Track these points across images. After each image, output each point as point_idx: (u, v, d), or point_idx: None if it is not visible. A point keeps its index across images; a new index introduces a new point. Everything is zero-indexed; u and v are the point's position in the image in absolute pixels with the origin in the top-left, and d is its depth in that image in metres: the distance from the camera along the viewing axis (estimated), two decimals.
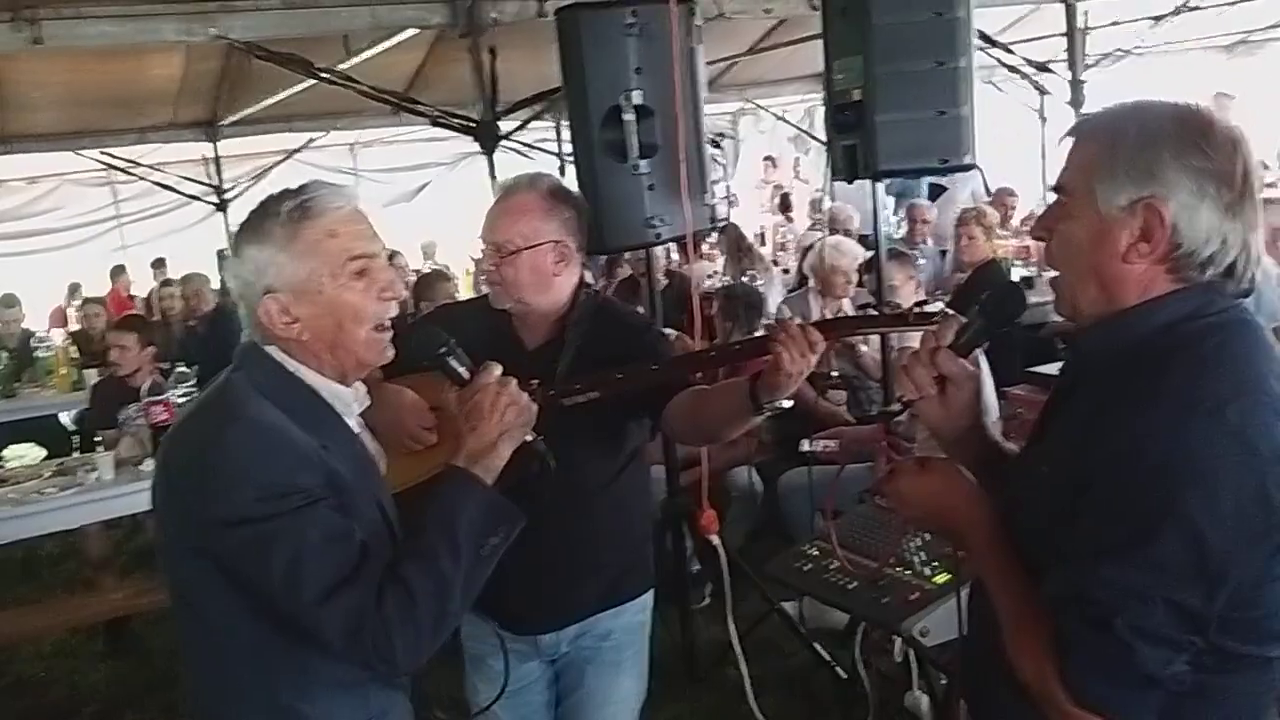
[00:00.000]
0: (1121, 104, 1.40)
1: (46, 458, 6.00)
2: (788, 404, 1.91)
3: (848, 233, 7.79)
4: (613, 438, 2.24)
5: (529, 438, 1.67)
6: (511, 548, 1.60)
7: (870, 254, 4.49)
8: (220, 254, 10.20)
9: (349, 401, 1.64)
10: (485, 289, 2.33)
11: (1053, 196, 1.42)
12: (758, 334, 4.57)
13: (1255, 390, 1.25)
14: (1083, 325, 1.40)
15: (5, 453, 6.64)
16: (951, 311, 1.64)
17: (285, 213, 1.54)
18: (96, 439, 4.81)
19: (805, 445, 3.96)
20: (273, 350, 1.58)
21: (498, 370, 1.67)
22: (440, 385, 1.88)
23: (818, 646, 3.65)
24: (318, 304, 1.55)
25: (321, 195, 1.56)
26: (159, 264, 10.33)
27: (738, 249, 7.20)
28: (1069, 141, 1.39)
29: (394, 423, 2.07)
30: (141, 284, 10.68)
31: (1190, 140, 1.29)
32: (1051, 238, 1.39)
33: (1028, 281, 4.97)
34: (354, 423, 1.67)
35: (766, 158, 13.09)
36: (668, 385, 2.12)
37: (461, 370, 1.70)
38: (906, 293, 4.60)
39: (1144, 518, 1.21)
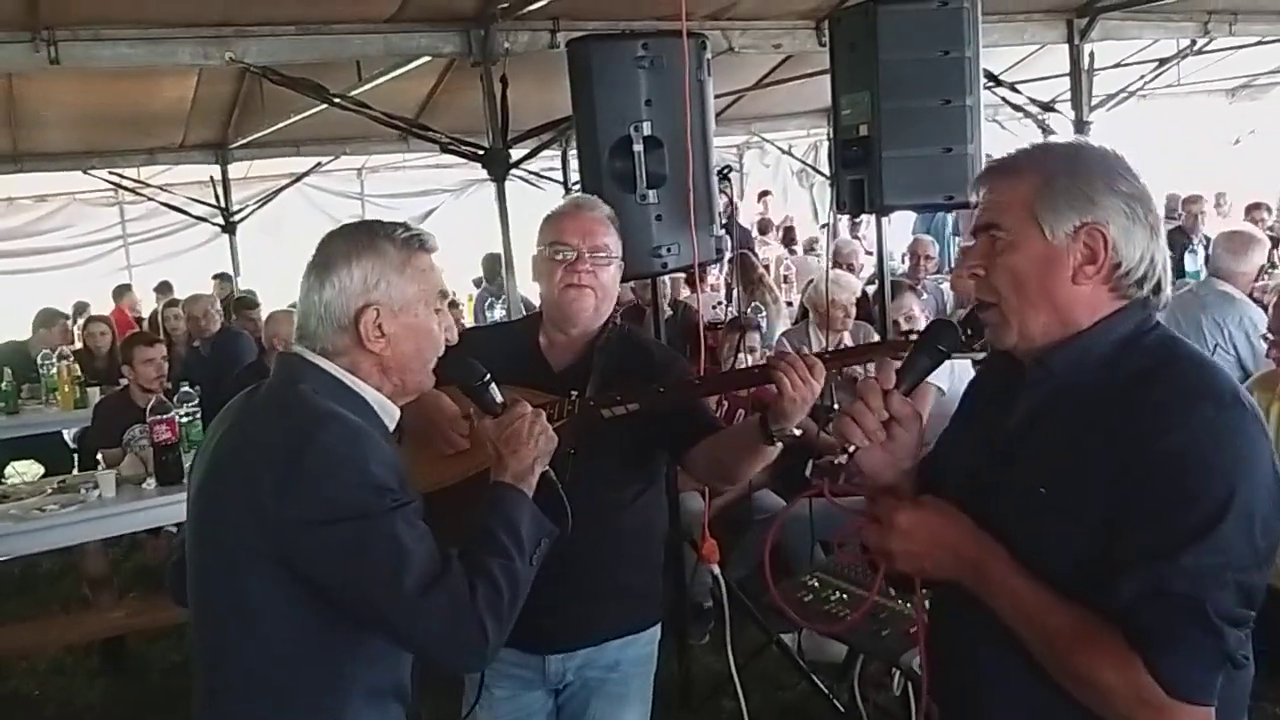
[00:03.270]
0: (1032, 146, 1.53)
1: (45, 475, 6.03)
2: (798, 432, 1.95)
3: (850, 267, 7.84)
4: (637, 458, 2.28)
5: (545, 469, 1.79)
6: None
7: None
8: (219, 276, 10.26)
9: (393, 416, 1.73)
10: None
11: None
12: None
13: (1237, 383, 1.39)
14: (1032, 351, 1.46)
15: (5, 469, 6.68)
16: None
17: (401, 239, 1.68)
18: (97, 456, 4.82)
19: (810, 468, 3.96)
20: (326, 364, 1.65)
21: (526, 404, 1.81)
22: (461, 396, 1.97)
23: (816, 679, 3.64)
24: (408, 326, 1.67)
25: (426, 233, 1.73)
26: (164, 288, 10.33)
27: (748, 279, 7.21)
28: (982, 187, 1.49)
29: (430, 424, 2.11)
30: (144, 306, 10.70)
31: (1115, 170, 1.43)
32: (989, 272, 1.46)
33: None
34: None
35: (762, 193, 13.14)
36: (696, 428, 2.19)
37: (498, 401, 1.84)
38: (920, 324, 4.63)
39: (1209, 505, 1.29)
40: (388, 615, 1.54)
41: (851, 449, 1.53)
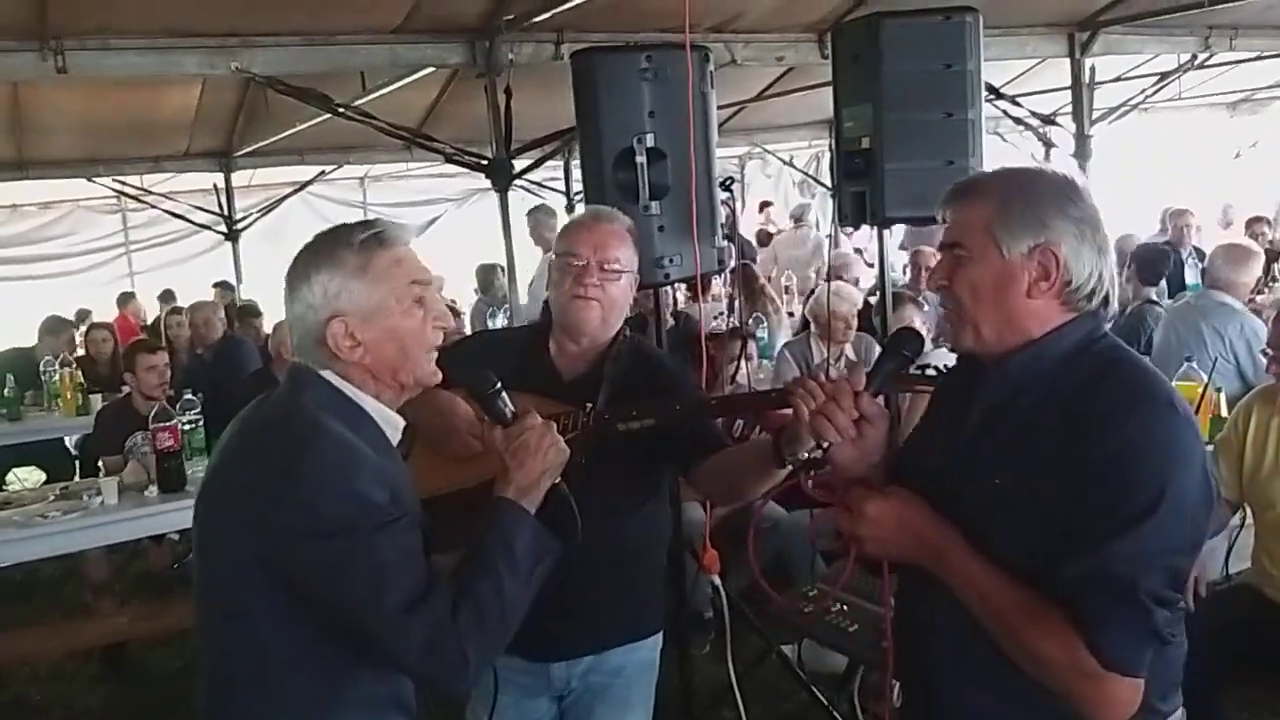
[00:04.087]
0: (992, 171, 1.71)
1: (47, 481, 6.04)
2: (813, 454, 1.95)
3: (841, 279, 7.83)
4: (644, 468, 2.29)
5: (556, 481, 1.75)
6: None
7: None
8: (220, 284, 10.27)
9: (397, 427, 1.71)
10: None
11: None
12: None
13: (1173, 388, 1.55)
14: (990, 356, 1.61)
15: (7, 475, 6.68)
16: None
17: (359, 242, 1.63)
18: (98, 464, 4.83)
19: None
20: (329, 375, 1.64)
21: (536, 415, 1.78)
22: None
23: (816, 690, 3.64)
24: (383, 329, 1.63)
25: (390, 228, 1.68)
26: (167, 296, 10.33)
27: (750, 290, 7.23)
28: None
29: (446, 428, 2.11)
30: (147, 313, 10.71)
31: (1066, 195, 1.58)
32: (952, 284, 1.61)
33: None
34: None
35: (763, 203, 13.05)
36: (705, 445, 2.21)
37: (507, 411, 1.79)
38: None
39: (1144, 497, 1.43)
40: (369, 631, 1.53)
41: (826, 445, 1.68)
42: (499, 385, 1.81)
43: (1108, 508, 1.44)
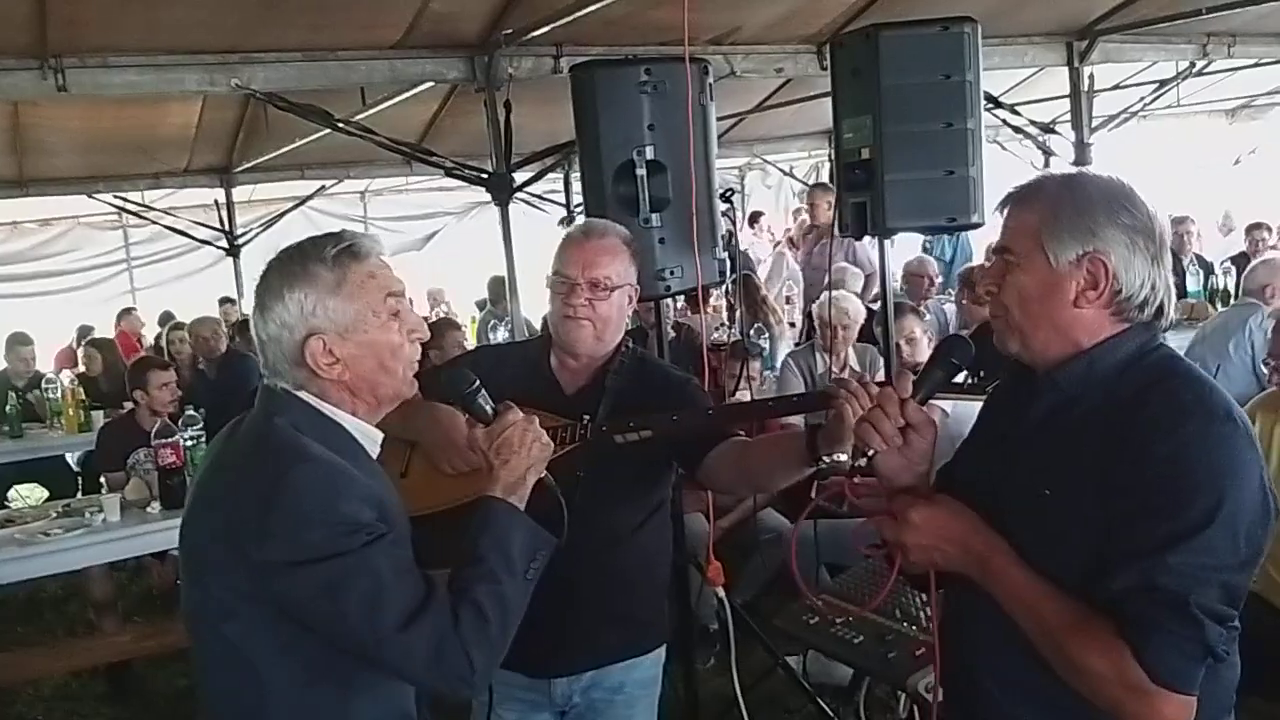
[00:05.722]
0: (1047, 175, 1.67)
1: (50, 498, 6.04)
2: (842, 457, 1.94)
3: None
4: (644, 483, 2.29)
5: (542, 475, 1.75)
6: (541, 588, 1.66)
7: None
8: (225, 300, 10.28)
9: (375, 441, 1.69)
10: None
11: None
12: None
13: (1231, 400, 1.50)
14: (1040, 366, 1.59)
15: (9, 493, 6.68)
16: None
17: (331, 257, 1.60)
18: (100, 480, 4.83)
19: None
20: (304, 395, 1.62)
21: (517, 410, 1.76)
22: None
23: (821, 701, 3.63)
24: (360, 344, 1.61)
25: (361, 240, 1.64)
26: (165, 319, 10.29)
27: (751, 301, 7.22)
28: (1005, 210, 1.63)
29: (447, 443, 2.11)
30: (147, 329, 10.71)
31: (1119, 203, 1.54)
32: (1000, 290, 1.60)
33: None
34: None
35: (753, 215, 12.82)
36: (708, 435, 2.19)
37: (488, 409, 1.78)
38: (922, 347, 4.64)
39: (1198, 511, 1.40)
40: (371, 651, 1.52)
41: (871, 453, 1.64)
42: (477, 383, 1.79)
43: (1161, 519, 1.40)
